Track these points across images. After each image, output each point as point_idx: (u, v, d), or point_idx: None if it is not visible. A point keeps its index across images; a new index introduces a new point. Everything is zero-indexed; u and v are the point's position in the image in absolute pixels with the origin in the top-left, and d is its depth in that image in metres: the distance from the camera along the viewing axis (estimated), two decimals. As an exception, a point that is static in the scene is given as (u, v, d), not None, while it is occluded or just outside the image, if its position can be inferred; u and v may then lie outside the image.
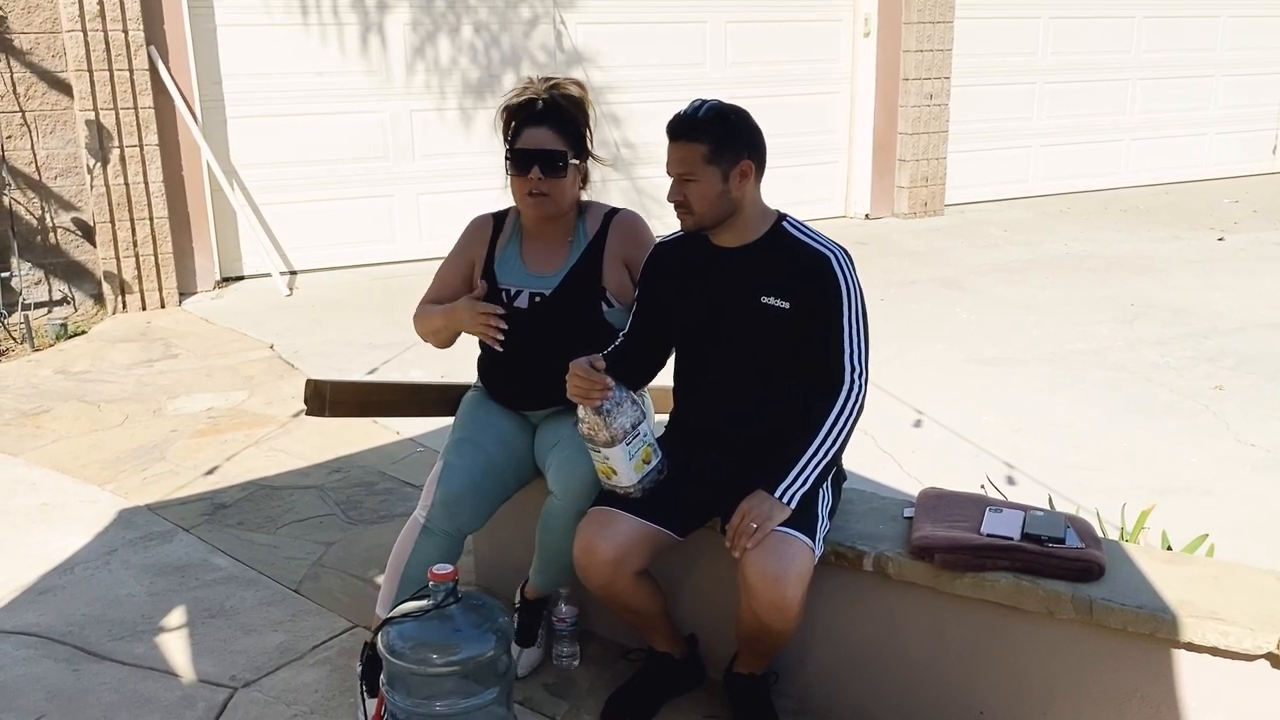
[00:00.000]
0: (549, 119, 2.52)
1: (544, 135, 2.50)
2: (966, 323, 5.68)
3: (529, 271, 2.59)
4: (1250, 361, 4.96)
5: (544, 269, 2.59)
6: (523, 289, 2.57)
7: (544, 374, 2.50)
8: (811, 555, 2.17)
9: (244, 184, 6.43)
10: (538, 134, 2.50)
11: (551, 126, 2.51)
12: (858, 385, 2.24)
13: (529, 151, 2.49)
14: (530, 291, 2.56)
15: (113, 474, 3.82)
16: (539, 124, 2.51)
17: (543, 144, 2.49)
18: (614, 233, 2.60)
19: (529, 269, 2.60)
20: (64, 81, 5.67)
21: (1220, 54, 9.78)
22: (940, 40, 8.11)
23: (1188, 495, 3.60)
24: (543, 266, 2.59)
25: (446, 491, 2.49)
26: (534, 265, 2.60)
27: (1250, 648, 1.93)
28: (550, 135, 2.50)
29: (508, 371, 2.62)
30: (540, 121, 2.51)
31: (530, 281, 2.58)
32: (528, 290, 2.57)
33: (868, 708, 2.41)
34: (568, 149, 2.52)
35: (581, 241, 2.59)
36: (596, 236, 2.59)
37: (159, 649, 2.73)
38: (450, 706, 2.03)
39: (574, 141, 2.54)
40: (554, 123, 2.52)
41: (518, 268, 2.60)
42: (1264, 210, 8.71)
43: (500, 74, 6.99)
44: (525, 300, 2.56)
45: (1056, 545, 2.17)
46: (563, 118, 2.54)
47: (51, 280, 5.82)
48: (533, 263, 2.60)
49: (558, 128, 2.52)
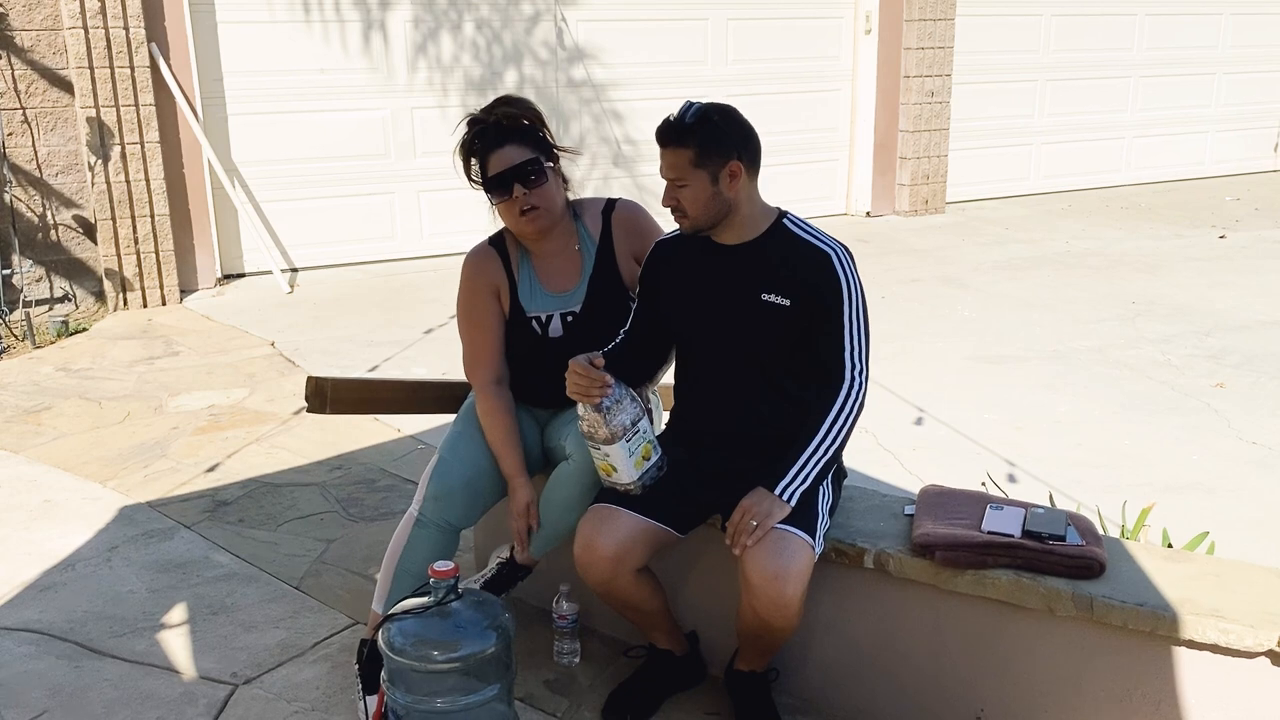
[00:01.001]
0: (507, 136, 2.48)
1: (510, 153, 2.46)
2: (968, 320, 5.68)
3: (549, 293, 2.56)
4: (1252, 359, 4.96)
5: (563, 286, 2.56)
6: (553, 313, 2.55)
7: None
8: (812, 553, 2.17)
9: (245, 181, 6.43)
10: (503, 153, 2.46)
11: (513, 141, 2.47)
12: (858, 383, 2.24)
13: (503, 173, 2.45)
14: (561, 314, 2.55)
15: (114, 471, 3.82)
16: (499, 145, 2.47)
17: (512, 160, 2.45)
18: (617, 228, 2.59)
19: (549, 290, 2.57)
20: (65, 79, 5.68)
21: (1222, 51, 9.77)
22: (941, 37, 8.10)
23: (1189, 493, 3.60)
24: (561, 284, 2.56)
25: (439, 486, 2.50)
26: (552, 285, 2.57)
27: (1251, 645, 1.93)
28: (516, 150, 2.46)
29: (538, 382, 2.59)
30: (499, 142, 2.47)
31: (556, 304, 2.56)
32: (558, 314, 2.55)
33: (868, 705, 2.41)
34: (538, 154, 2.48)
35: (589, 246, 2.57)
36: (603, 237, 2.58)
37: (160, 646, 2.74)
38: (451, 703, 2.04)
39: (539, 146, 2.51)
40: (513, 136, 2.48)
41: (539, 292, 2.57)
42: (1265, 208, 8.70)
43: (502, 71, 6.99)
44: (559, 325, 2.55)
45: (1057, 543, 2.17)
46: (517, 129, 2.50)
47: (53, 277, 5.82)
48: (550, 283, 2.57)
49: (518, 139, 2.48)
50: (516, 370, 2.62)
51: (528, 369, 2.61)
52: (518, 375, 2.62)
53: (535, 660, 2.63)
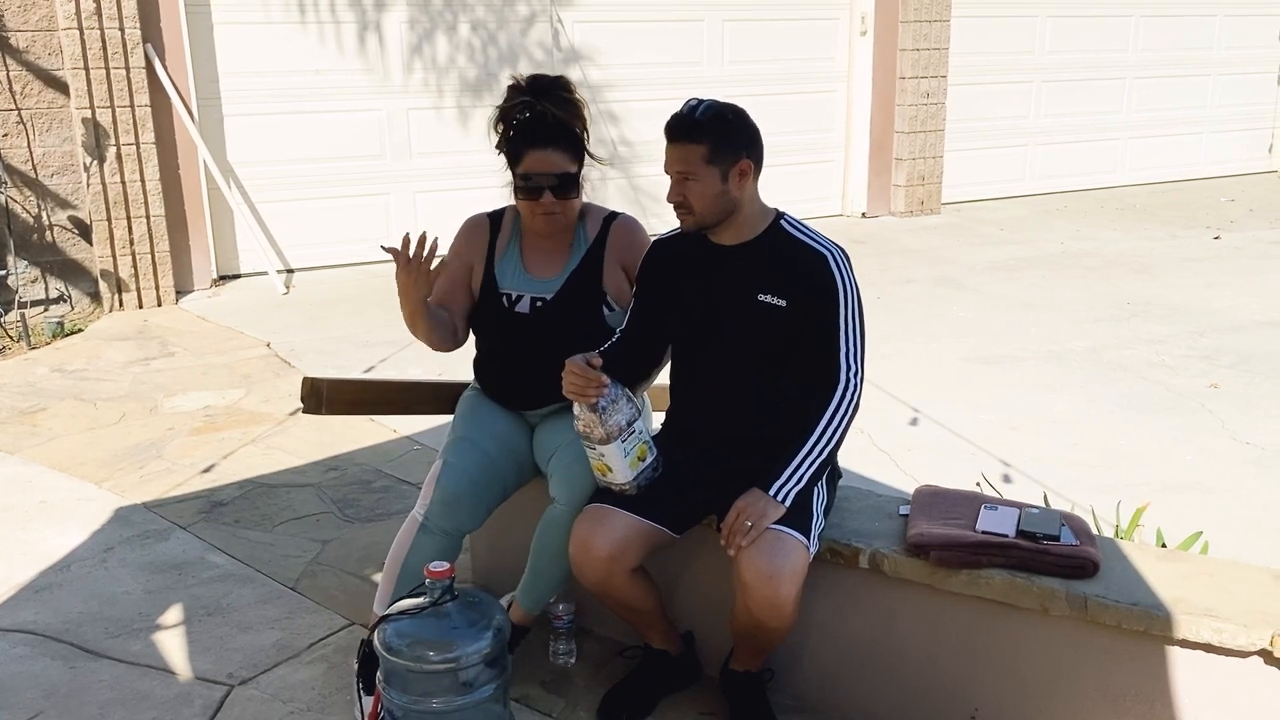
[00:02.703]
0: (555, 138, 2.44)
1: (554, 158, 2.43)
2: (963, 321, 5.69)
3: (530, 276, 2.57)
4: (1246, 360, 4.97)
5: (545, 273, 2.56)
6: (524, 294, 2.55)
7: (542, 376, 2.51)
8: (806, 553, 2.17)
9: (241, 182, 6.42)
10: (547, 157, 2.43)
11: (559, 146, 2.44)
12: (854, 384, 2.25)
13: (541, 176, 2.43)
14: (532, 296, 2.55)
15: (109, 472, 3.82)
16: (545, 145, 2.43)
17: (554, 168, 2.43)
18: (613, 236, 2.57)
19: (530, 273, 2.57)
20: (60, 79, 5.67)
21: (1217, 53, 9.79)
22: (937, 39, 8.11)
23: (1183, 493, 3.61)
24: (544, 270, 2.57)
25: (445, 490, 2.49)
26: (535, 269, 2.57)
27: (1244, 644, 1.94)
28: (560, 157, 2.44)
29: (505, 373, 2.62)
30: (546, 142, 2.43)
31: (532, 286, 2.56)
32: (529, 295, 2.55)
33: (863, 704, 2.41)
34: (577, 167, 2.46)
35: (582, 245, 2.57)
36: (596, 240, 2.57)
37: (155, 646, 2.74)
38: (447, 703, 2.04)
39: (579, 155, 2.49)
40: (560, 141, 2.45)
41: (519, 272, 2.58)
42: (1260, 209, 8.72)
43: (498, 72, 6.99)
44: (527, 305, 2.54)
45: (1051, 543, 2.17)
46: (566, 133, 2.47)
47: (48, 278, 5.81)
48: (534, 266, 2.58)
49: (565, 145, 2.45)
50: (486, 354, 2.64)
51: (495, 349, 2.62)
52: (488, 362, 2.64)
53: (531, 660, 2.63)
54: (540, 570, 2.54)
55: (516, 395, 2.62)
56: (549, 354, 2.41)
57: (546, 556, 2.50)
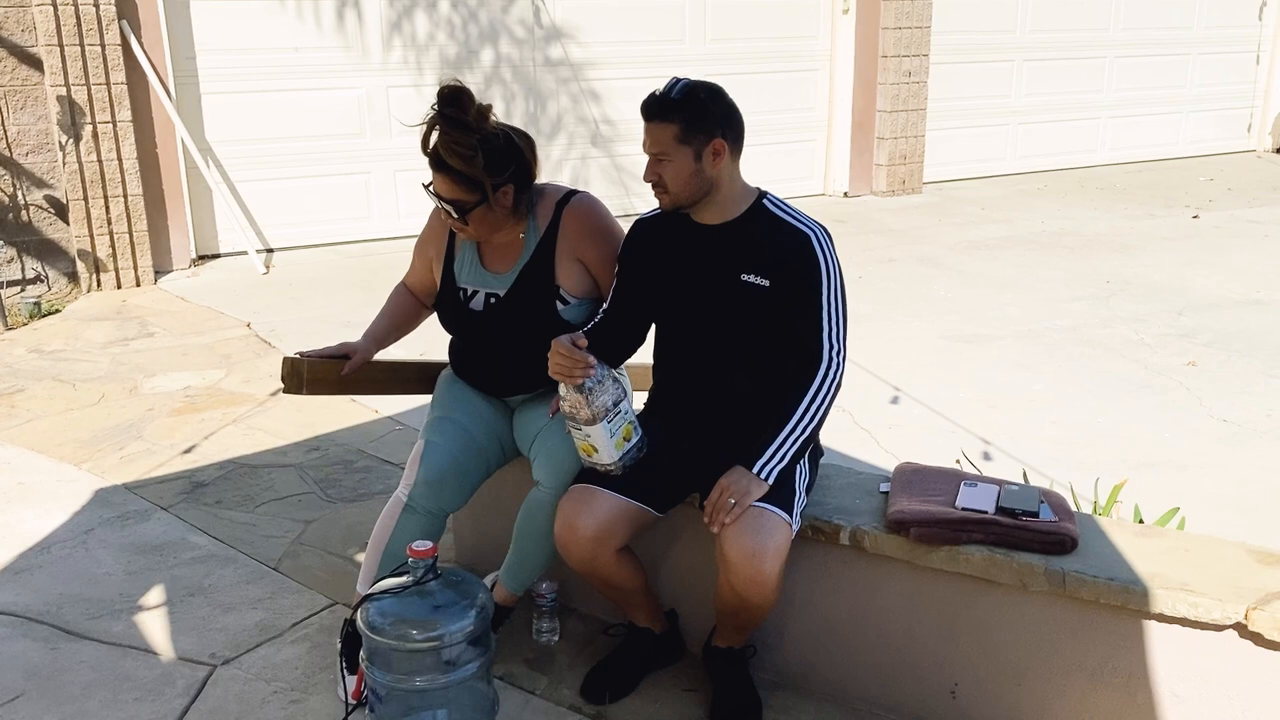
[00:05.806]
0: (442, 167, 2.34)
1: (441, 184, 2.36)
2: (944, 299, 5.71)
3: (486, 270, 2.53)
4: (1223, 338, 5.01)
5: (500, 267, 2.52)
6: (479, 289, 2.52)
7: (508, 370, 2.52)
8: (789, 530, 2.18)
9: (219, 161, 6.36)
10: (442, 179, 2.36)
11: (447, 174, 2.34)
12: (836, 363, 2.25)
13: (438, 196, 2.38)
14: (486, 292, 2.52)
15: (89, 453, 3.79)
16: (436, 169, 2.36)
17: (446, 193, 2.36)
18: (565, 224, 2.48)
19: (486, 267, 2.53)
20: (34, 56, 5.59)
21: (1196, 32, 9.82)
22: (919, 17, 8.10)
23: (1160, 469, 3.65)
24: (499, 265, 2.52)
25: (429, 469, 2.49)
26: (491, 263, 2.53)
27: (1220, 618, 1.97)
28: (446, 184, 2.35)
29: (474, 363, 2.61)
30: (437, 167, 2.36)
31: (487, 281, 2.52)
32: (484, 291, 2.52)
33: (844, 680, 2.43)
34: (466, 197, 2.34)
35: (532, 238, 2.50)
36: (548, 231, 2.49)
37: (137, 627, 2.73)
38: (430, 682, 2.05)
39: (473, 187, 2.34)
40: (448, 171, 2.34)
41: (475, 267, 2.54)
42: (1238, 188, 8.78)
43: (478, 50, 6.95)
44: (481, 301, 2.52)
45: (1030, 519, 2.19)
46: (451, 167, 2.33)
47: (24, 258, 5.75)
48: (490, 260, 2.53)
49: (454, 176, 2.33)
50: (454, 344, 2.65)
51: (457, 337, 2.63)
52: (457, 352, 2.65)
53: (514, 638, 2.64)
54: (524, 553, 2.54)
55: (489, 385, 2.61)
56: (509, 352, 2.44)
57: (530, 540, 2.50)
